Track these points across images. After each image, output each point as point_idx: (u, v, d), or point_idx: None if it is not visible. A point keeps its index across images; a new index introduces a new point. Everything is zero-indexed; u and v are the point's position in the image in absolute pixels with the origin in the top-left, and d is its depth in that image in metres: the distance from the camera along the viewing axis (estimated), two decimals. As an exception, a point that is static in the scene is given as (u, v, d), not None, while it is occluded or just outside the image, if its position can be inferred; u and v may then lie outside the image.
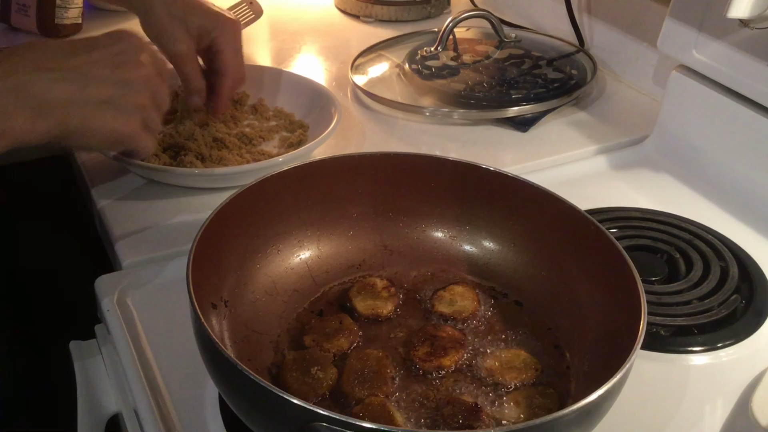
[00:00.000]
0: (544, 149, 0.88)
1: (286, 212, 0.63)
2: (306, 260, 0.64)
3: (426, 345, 0.57)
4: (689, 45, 0.80)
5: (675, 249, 0.71)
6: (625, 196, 0.81)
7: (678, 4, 0.81)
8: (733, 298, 0.66)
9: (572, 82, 0.96)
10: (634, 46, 0.99)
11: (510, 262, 0.65)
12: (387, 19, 1.18)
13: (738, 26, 0.75)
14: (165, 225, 0.74)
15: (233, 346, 0.55)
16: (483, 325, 0.61)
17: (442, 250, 0.67)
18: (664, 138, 0.87)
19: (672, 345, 0.62)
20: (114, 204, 0.76)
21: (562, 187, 0.66)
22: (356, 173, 0.65)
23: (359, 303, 0.61)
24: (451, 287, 0.63)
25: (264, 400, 0.45)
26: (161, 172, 0.76)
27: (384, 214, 0.67)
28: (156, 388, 0.57)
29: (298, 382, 0.54)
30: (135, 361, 0.59)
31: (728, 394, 0.59)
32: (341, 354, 0.57)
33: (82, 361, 0.64)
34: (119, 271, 0.69)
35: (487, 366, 0.56)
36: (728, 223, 0.76)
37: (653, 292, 0.66)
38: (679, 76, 0.84)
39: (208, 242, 0.55)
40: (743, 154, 0.79)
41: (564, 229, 0.61)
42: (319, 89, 0.89)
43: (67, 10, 1.06)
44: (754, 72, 0.75)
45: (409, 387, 0.55)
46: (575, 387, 0.55)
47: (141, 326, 0.63)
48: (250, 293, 0.60)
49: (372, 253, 0.66)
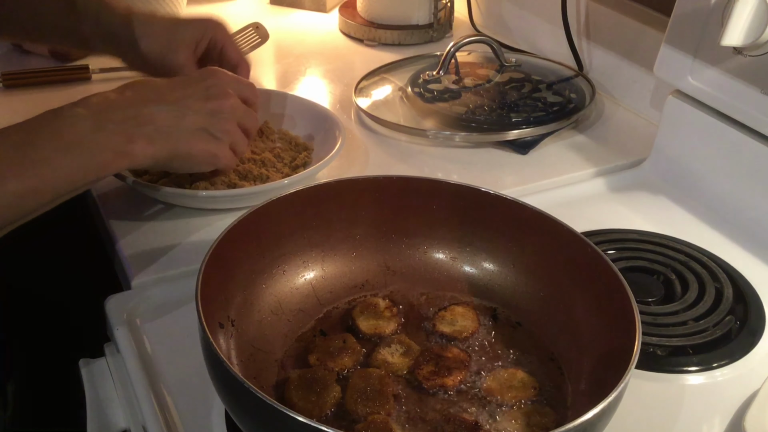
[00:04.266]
0: (544, 171, 0.90)
1: (291, 234, 0.65)
2: (311, 280, 0.66)
3: (431, 364, 0.59)
4: (685, 71, 0.82)
5: (671, 270, 0.73)
6: (623, 218, 0.82)
7: (674, 32, 0.83)
8: (728, 319, 0.68)
9: (571, 105, 0.98)
10: (632, 70, 1.01)
11: (509, 283, 0.66)
12: (390, 43, 1.20)
13: (732, 53, 0.77)
14: (173, 246, 0.75)
15: (240, 365, 0.57)
16: (483, 344, 0.62)
17: (443, 271, 0.68)
18: (661, 161, 0.89)
19: (668, 365, 0.64)
20: (124, 225, 0.78)
21: (561, 208, 0.68)
22: (360, 196, 0.67)
23: (362, 322, 0.63)
24: (452, 307, 0.65)
25: (269, 418, 0.46)
26: (170, 194, 0.78)
27: (387, 236, 0.68)
28: (164, 405, 0.59)
29: (303, 400, 0.55)
30: (144, 378, 0.60)
31: (723, 413, 0.60)
32: (345, 372, 0.59)
33: (91, 378, 0.66)
34: (128, 291, 0.70)
35: (487, 385, 0.58)
36: (723, 245, 0.78)
37: (649, 312, 0.68)
38: (675, 101, 0.86)
39: (216, 263, 0.57)
40: (738, 177, 0.81)
41: (561, 250, 0.62)
42: (324, 112, 0.91)
43: (77, 34, 1.09)
44: (747, 98, 0.77)
45: (410, 405, 0.56)
46: (572, 405, 0.56)
47: (149, 345, 0.64)
48: (256, 312, 0.62)
49: (375, 273, 0.68)
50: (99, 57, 1.11)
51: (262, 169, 0.82)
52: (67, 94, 1.02)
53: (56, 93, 1.02)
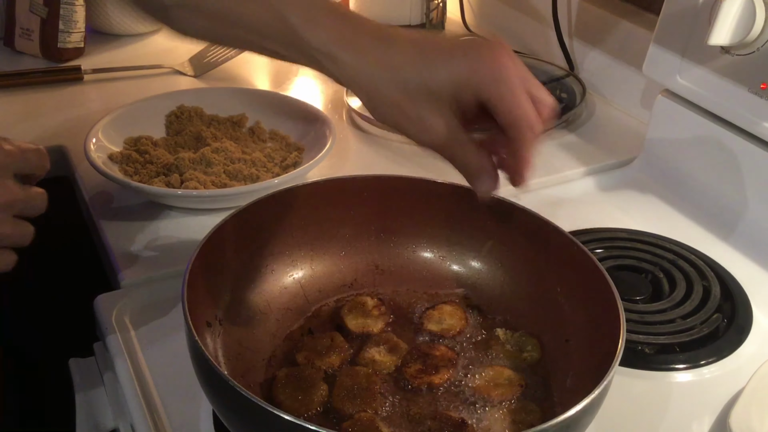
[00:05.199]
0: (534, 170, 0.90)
1: (280, 233, 0.65)
2: (299, 279, 0.66)
3: (418, 362, 0.59)
4: (673, 71, 0.83)
5: (659, 269, 0.73)
6: (612, 216, 0.83)
7: (662, 31, 0.84)
8: (715, 317, 0.68)
9: (562, 105, 0.99)
10: (622, 70, 1.02)
11: (497, 282, 0.66)
12: (382, 43, 1.20)
13: (719, 53, 0.77)
14: (162, 245, 0.76)
15: (227, 364, 0.57)
16: (470, 342, 0.62)
17: (431, 269, 0.68)
18: (651, 160, 0.89)
19: (655, 362, 0.64)
20: (113, 224, 0.78)
21: (551, 207, 0.69)
22: (349, 195, 0.67)
23: (350, 321, 0.63)
24: (440, 306, 0.65)
25: (256, 417, 0.46)
26: (161, 194, 0.78)
27: (376, 235, 0.69)
28: (152, 405, 0.59)
29: (290, 399, 0.55)
30: (132, 378, 0.61)
31: (710, 410, 0.60)
32: (332, 371, 0.59)
33: (80, 377, 0.66)
34: (118, 290, 0.71)
35: (474, 383, 0.58)
36: (711, 243, 0.78)
37: (637, 311, 0.68)
38: (664, 101, 0.87)
39: (204, 262, 0.57)
40: (726, 176, 0.81)
41: (548, 249, 0.63)
42: (315, 112, 0.91)
43: (69, 35, 1.09)
44: (735, 97, 0.77)
45: (397, 403, 0.57)
46: (559, 403, 0.56)
47: (138, 344, 0.64)
48: (244, 312, 0.62)
49: (363, 272, 0.68)
50: (91, 58, 1.12)
51: (252, 169, 0.83)
52: (59, 95, 1.02)
53: (48, 94, 1.03)
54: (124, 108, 0.89)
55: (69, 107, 1.00)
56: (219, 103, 0.93)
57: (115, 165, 0.82)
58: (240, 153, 0.85)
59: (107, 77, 1.07)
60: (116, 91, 1.04)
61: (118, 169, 0.82)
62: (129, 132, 0.87)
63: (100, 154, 0.82)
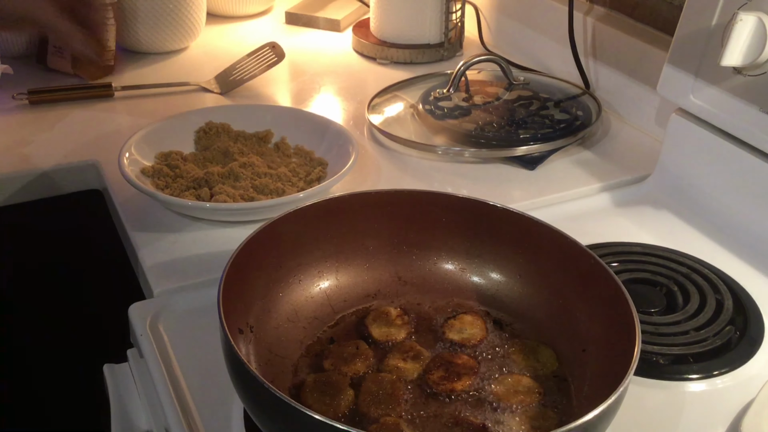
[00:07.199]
0: (551, 186, 0.92)
1: (307, 245, 0.68)
2: (325, 289, 0.69)
3: (441, 370, 0.61)
4: (687, 90, 0.85)
5: (673, 282, 0.75)
6: (627, 231, 0.85)
7: (676, 52, 0.86)
8: (728, 329, 0.70)
9: (578, 122, 1.01)
10: (637, 89, 1.04)
11: (516, 293, 0.69)
12: (402, 61, 1.23)
13: (732, 73, 0.80)
14: (193, 256, 0.78)
15: (257, 369, 0.59)
16: (490, 351, 0.65)
17: (452, 281, 0.71)
18: (665, 177, 0.91)
19: (669, 373, 0.66)
20: (145, 236, 0.81)
21: (567, 222, 0.71)
22: (373, 209, 0.70)
23: (375, 330, 0.66)
24: (461, 316, 0.67)
25: (288, 417, 0.49)
26: (191, 207, 0.81)
27: (398, 247, 0.71)
28: (186, 407, 0.61)
29: (318, 403, 0.58)
30: (166, 382, 0.63)
31: (723, 419, 0.62)
32: (357, 377, 0.61)
33: (115, 382, 0.69)
34: (151, 299, 0.73)
35: (494, 390, 0.60)
36: (724, 257, 0.80)
37: (652, 322, 0.70)
38: (678, 119, 0.89)
39: (236, 272, 0.59)
40: (738, 192, 0.83)
41: (566, 262, 0.65)
42: (338, 128, 0.94)
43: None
44: (747, 116, 0.79)
45: (421, 408, 0.59)
46: (576, 409, 0.58)
47: (172, 350, 0.67)
48: (274, 319, 0.64)
49: (387, 283, 0.70)
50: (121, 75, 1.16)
51: (278, 183, 0.86)
52: (90, 112, 1.06)
53: (80, 110, 1.06)
54: (155, 124, 0.92)
55: (100, 123, 1.03)
56: (245, 119, 0.96)
57: (147, 179, 0.85)
58: (266, 168, 0.88)
59: (136, 94, 1.10)
60: (145, 107, 1.07)
61: (150, 183, 0.85)
62: (160, 147, 0.90)
63: (133, 168, 0.85)
